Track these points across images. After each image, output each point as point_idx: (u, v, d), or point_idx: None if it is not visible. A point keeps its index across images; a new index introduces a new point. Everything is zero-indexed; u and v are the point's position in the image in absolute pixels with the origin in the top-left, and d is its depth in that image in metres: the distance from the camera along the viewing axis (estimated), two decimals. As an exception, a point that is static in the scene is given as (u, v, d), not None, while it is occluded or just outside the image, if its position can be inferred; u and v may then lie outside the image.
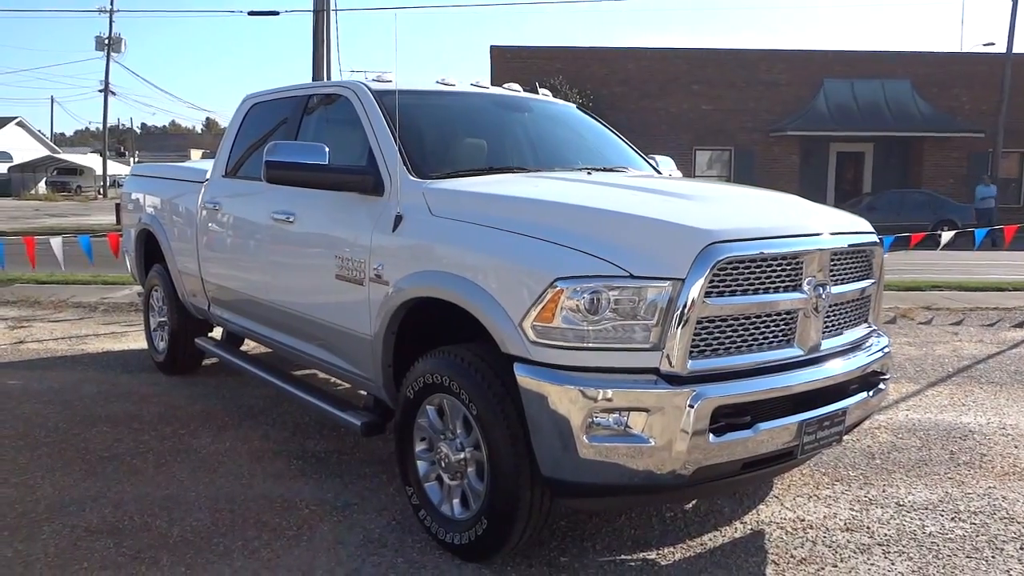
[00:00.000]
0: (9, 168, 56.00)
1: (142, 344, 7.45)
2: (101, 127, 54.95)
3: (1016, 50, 27.73)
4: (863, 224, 3.80)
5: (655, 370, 3.00)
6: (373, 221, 3.94)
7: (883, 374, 3.81)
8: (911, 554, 3.67)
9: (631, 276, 2.96)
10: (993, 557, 3.65)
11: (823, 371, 3.40)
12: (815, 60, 29.88)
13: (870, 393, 3.67)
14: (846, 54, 30.32)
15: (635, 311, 2.97)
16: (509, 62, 28.21)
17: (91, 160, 61.08)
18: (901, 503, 4.22)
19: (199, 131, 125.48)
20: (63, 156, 62.45)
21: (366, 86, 4.46)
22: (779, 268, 3.22)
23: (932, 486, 4.45)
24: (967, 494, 4.35)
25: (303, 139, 4.79)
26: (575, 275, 2.99)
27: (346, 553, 3.60)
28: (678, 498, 3.91)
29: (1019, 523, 3.99)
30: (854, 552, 3.68)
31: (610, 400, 2.96)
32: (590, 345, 3.00)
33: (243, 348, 6.54)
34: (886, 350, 3.87)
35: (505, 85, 5.31)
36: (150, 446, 4.96)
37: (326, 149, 4.01)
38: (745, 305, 3.14)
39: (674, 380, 2.99)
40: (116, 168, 61.35)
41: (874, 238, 3.78)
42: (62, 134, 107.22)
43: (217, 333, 6.56)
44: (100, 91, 53.58)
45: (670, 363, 2.98)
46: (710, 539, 3.80)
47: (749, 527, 3.93)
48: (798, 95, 29.50)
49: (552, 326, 3.02)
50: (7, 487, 4.32)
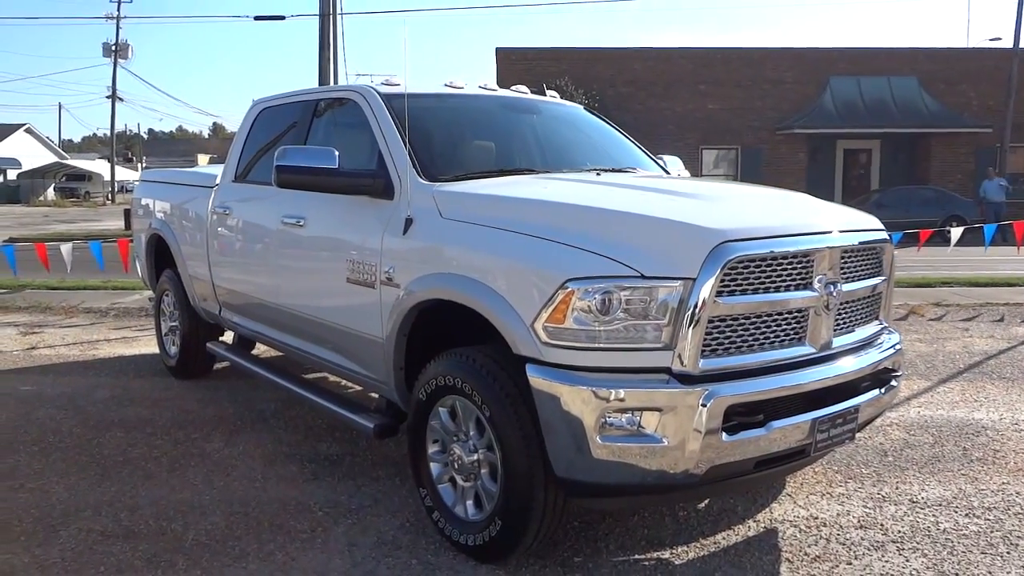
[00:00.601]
0: (18, 174, 56.25)
1: (154, 349, 7.48)
2: (109, 133, 55.21)
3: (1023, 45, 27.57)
4: (873, 221, 3.81)
5: (667, 370, 3.00)
6: (384, 224, 3.95)
7: (895, 371, 3.81)
8: (925, 551, 3.67)
9: (642, 276, 2.97)
10: (1008, 553, 3.65)
11: (835, 369, 3.41)
12: (821, 58, 29.78)
13: (882, 390, 3.67)
14: (852, 51, 30.22)
15: (646, 311, 2.97)
16: (515, 64, 28.19)
17: (99, 166, 61.28)
18: (915, 500, 4.22)
19: (206, 136, 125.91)
20: (71, 162, 62.64)
21: (375, 90, 4.48)
22: (790, 266, 3.22)
23: (945, 483, 4.44)
24: (981, 490, 4.34)
25: (312, 143, 4.81)
26: (586, 276, 3.00)
27: (360, 555, 3.62)
28: (691, 497, 3.91)
29: (1033, 519, 3.99)
30: (868, 549, 3.68)
31: (622, 400, 2.97)
32: (602, 345, 3.01)
33: (254, 352, 6.57)
34: (897, 347, 3.87)
35: (513, 87, 5.32)
36: (163, 450, 4.98)
37: (336, 153, 4.03)
38: (756, 304, 3.14)
39: (686, 379, 3.00)
40: (124, 174, 61.60)
41: (884, 235, 3.78)
42: (70, 140, 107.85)
43: (228, 337, 6.59)
44: (107, 97, 53.83)
45: (682, 362, 2.99)
46: (723, 538, 3.80)
47: (763, 525, 3.93)
48: (804, 93, 29.42)
49: (564, 327, 3.02)
50: (23, 492, 4.35)
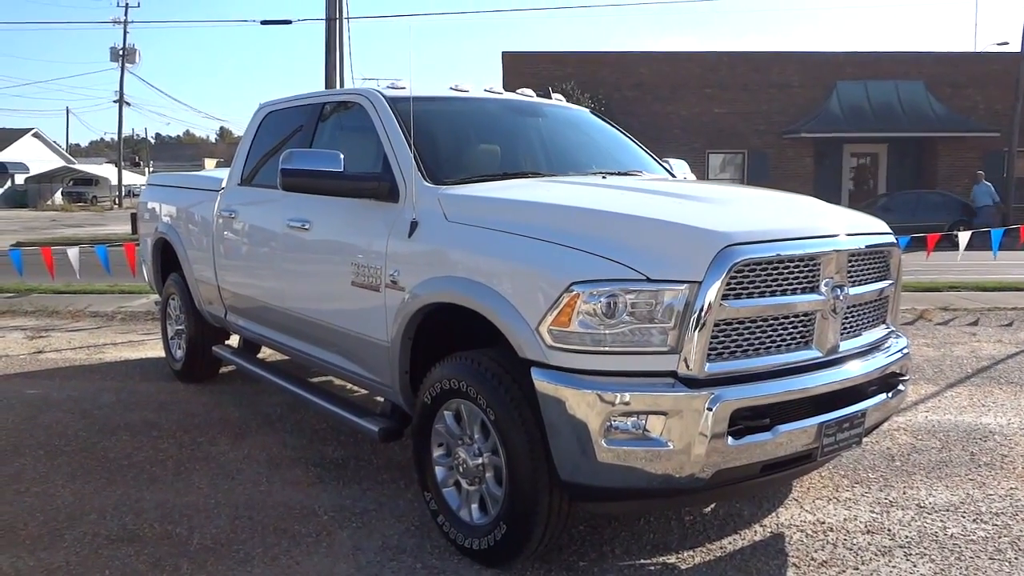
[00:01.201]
0: (26, 179, 56.44)
1: (160, 352, 7.49)
2: (116, 137, 55.46)
3: (1030, 49, 27.51)
4: (880, 225, 3.79)
5: (673, 373, 2.99)
6: (389, 227, 3.95)
7: (902, 375, 3.79)
8: (933, 556, 3.64)
9: (648, 279, 2.96)
10: (1016, 559, 3.62)
11: (842, 373, 3.39)
12: (828, 62, 29.78)
13: (889, 395, 3.65)
14: (859, 56, 30.21)
15: (652, 314, 2.96)
16: (521, 68, 28.23)
17: (106, 170, 61.47)
18: (922, 505, 4.19)
19: (213, 140, 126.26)
20: (79, 166, 62.86)
21: (380, 93, 4.48)
22: (796, 270, 3.21)
23: (953, 488, 4.42)
24: (988, 495, 4.32)
25: (318, 147, 4.81)
26: (591, 279, 2.99)
27: (365, 559, 3.61)
28: (698, 501, 3.90)
29: (1042, 524, 3.96)
30: (875, 554, 3.66)
31: (628, 404, 2.96)
32: (607, 349, 3.00)
33: (259, 356, 6.57)
34: (905, 351, 3.85)
35: (518, 90, 5.32)
36: (169, 454, 4.98)
37: (341, 156, 4.03)
38: (762, 307, 3.13)
39: (692, 383, 2.98)
40: (131, 178, 61.81)
41: (891, 239, 3.76)
42: (77, 145, 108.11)
43: (234, 341, 6.60)
44: (115, 102, 54.17)
45: (688, 366, 2.98)
46: (730, 542, 3.78)
47: (769, 530, 3.92)
48: (811, 97, 29.42)
49: (569, 330, 3.02)
50: (28, 496, 4.35)
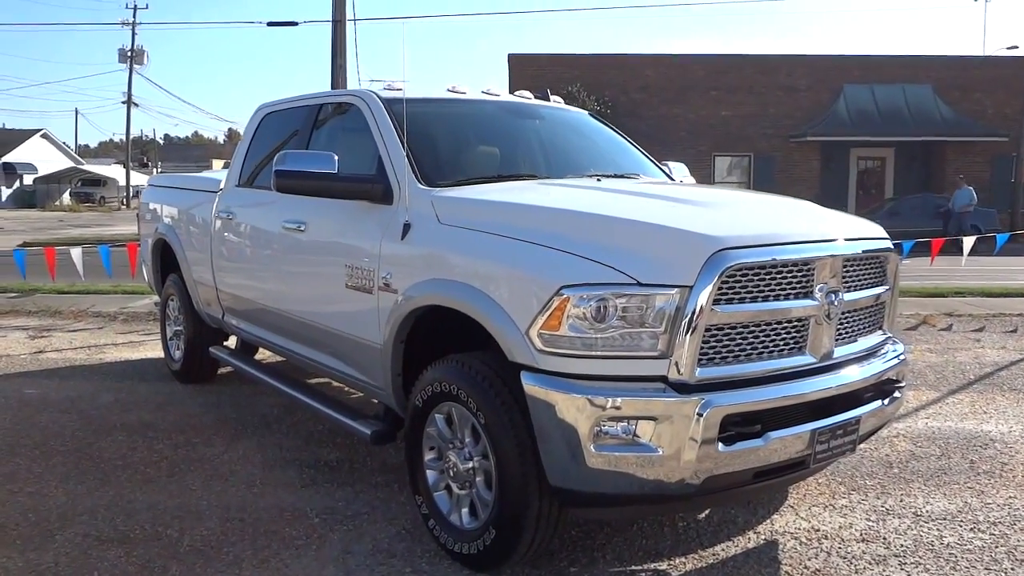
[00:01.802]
0: (34, 179, 56.64)
1: (159, 353, 7.48)
2: (124, 138, 55.59)
3: (1040, 53, 27.43)
4: (877, 230, 3.76)
5: (663, 378, 2.96)
6: (382, 229, 3.93)
7: (898, 382, 3.75)
8: (928, 565, 3.61)
9: (638, 283, 2.93)
10: (1013, 569, 3.58)
11: (836, 379, 3.36)
12: (835, 65, 29.69)
13: (885, 401, 3.62)
14: (866, 59, 30.12)
15: (642, 319, 2.94)
16: (527, 69, 28.20)
17: (114, 171, 61.70)
18: (919, 513, 4.15)
19: (221, 141, 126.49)
20: (87, 167, 63.07)
21: (376, 94, 4.47)
22: (790, 275, 3.18)
23: (951, 496, 4.38)
24: (987, 504, 4.28)
25: (315, 148, 4.80)
26: (581, 283, 2.97)
27: (355, 563, 3.59)
28: (690, 508, 3.87)
29: (1040, 533, 3.92)
30: (870, 563, 3.62)
31: (618, 409, 2.93)
32: (597, 353, 2.97)
33: (257, 357, 6.56)
34: (902, 357, 3.82)
35: (516, 92, 5.29)
36: (164, 455, 4.97)
37: (335, 158, 4.01)
38: (755, 312, 3.10)
39: (682, 388, 2.96)
40: (139, 179, 61.83)
41: (888, 244, 3.73)
42: (86, 145, 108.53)
43: (232, 342, 6.59)
44: (123, 103, 54.28)
45: (678, 371, 2.95)
46: (723, 549, 3.75)
47: (763, 537, 3.88)
48: (818, 100, 29.33)
49: (559, 334, 2.99)
50: (22, 495, 4.34)
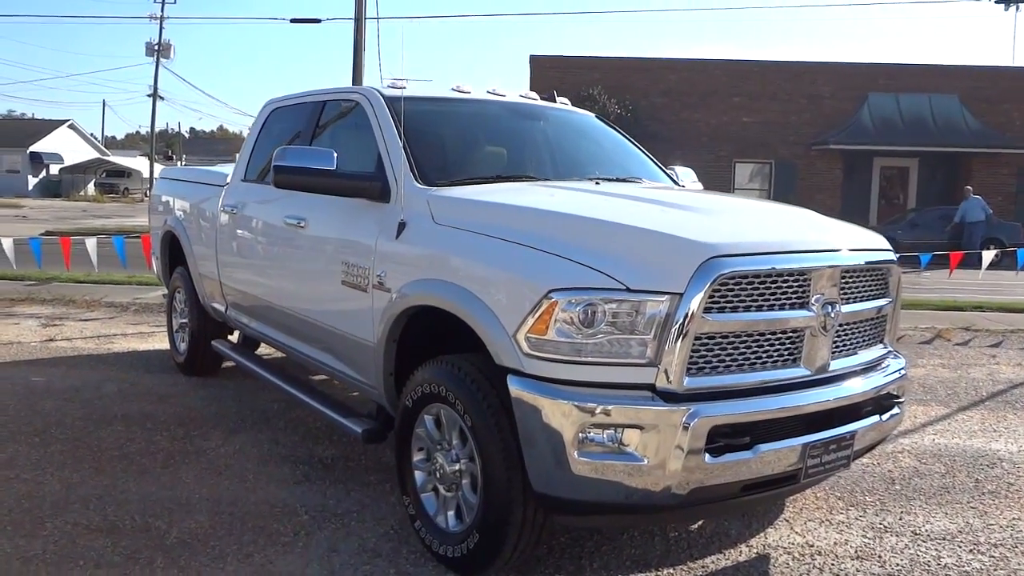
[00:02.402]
0: (60, 169, 57.23)
1: (166, 345, 7.50)
2: (150, 131, 55.95)
3: (1070, 66, 27.06)
4: (879, 241, 3.69)
5: (651, 386, 2.92)
6: (378, 228, 3.91)
7: (898, 397, 3.68)
8: (922, 585, 3.54)
9: (627, 289, 2.89)
10: (1008, 591, 3.51)
11: (831, 392, 3.30)
12: (860, 73, 29.42)
13: (883, 416, 3.55)
14: (892, 67, 29.82)
15: (631, 325, 2.90)
16: (548, 72, 28.17)
17: (139, 163, 62.10)
18: (918, 532, 4.08)
19: (246, 136, 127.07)
20: (112, 158, 63.58)
21: (378, 91, 4.45)
22: (785, 284, 3.12)
23: (952, 515, 4.30)
24: (989, 525, 4.19)
25: (319, 144, 4.79)
26: (569, 287, 2.93)
27: (339, 562, 3.56)
28: (679, 518, 3.81)
29: (1040, 556, 3.84)
30: (862, 581, 3.56)
31: (604, 416, 2.89)
32: (584, 359, 2.93)
33: (259, 352, 6.57)
34: (902, 372, 3.75)
35: (521, 93, 5.26)
36: (160, 446, 4.97)
37: (334, 154, 4.00)
38: (748, 322, 3.05)
39: (670, 397, 2.91)
40: (164, 171, 62.25)
41: (890, 255, 3.66)
42: (113, 137, 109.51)
43: (235, 336, 6.59)
44: (149, 95, 54.59)
45: (667, 380, 2.91)
46: (712, 562, 3.70)
47: (755, 551, 3.82)
48: (842, 108, 29.06)
49: (546, 338, 2.96)
50: (18, 482, 4.36)
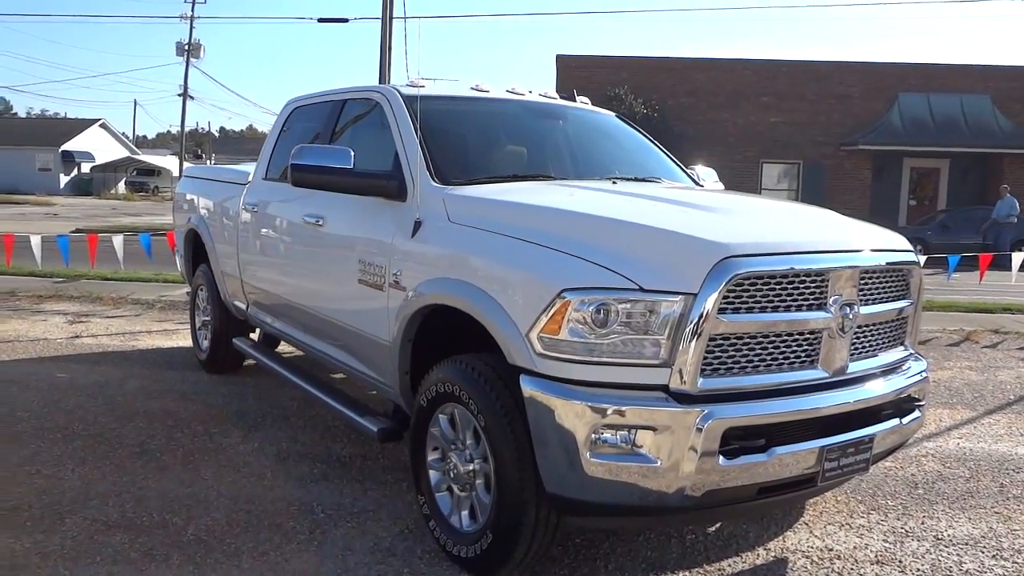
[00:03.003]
0: (91, 168, 57.95)
1: (190, 342, 7.56)
2: (180, 130, 56.53)
3: (1105, 65, 26.58)
4: (900, 241, 3.63)
5: (664, 387, 2.89)
6: (395, 226, 3.91)
7: (919, 400, 3.63)
8: (943, 592, 3.49)
9: (641, 289, 2.87)
10: (1032, 599, 3.45)
11: (849, 395, 3.25)
12: (890, 73, 29.08)
13: (903, 420, 3.50)
14: (922, 67, 29.45)
15: (644, 326, 2.87)
16: (575, 72, 28.06)
17: (169, 162, 62.69)
18: (940, 537, 4.01)
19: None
20: (142, 157, 64.26)
21: (397, 90, 4.46)
22: (801, 285, 3.08)
23: (976, 520, 4.23)
24: (1013, 531, 4.12)
25: (338, 143, 4.80)
26: (583, 286, 2.91)
27: (353, 560, 3.57)
28: (693, 521, 3.77)
29: (1064, 564, 3.76)
30: (881, 586, 3.51)
31: (617, 416, 2.87)
32: (597, 359, 2.91)
33: (279, 350, 6.60)
34: (923, 375, 3.69)
35: (541, 92, 5.24)
36: (180, 443, 5.01)
37: (351, 153, 4.00)
38: (763, 323, 3.01)
39: (684, 399, 2.88)
40: (193, 170, 62.85)
41: (911, 256, 3.60)
42: (144, 136, 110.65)
43: (256, 334, 6.63)
44: (179, 95, 55.14)
45: (680, 381, 2.88)
46: (729, 565, 3.66)
47: (773, 554, 3.78)
48: (871, 109, 28.74)
49: (559, 338, 2.94)
50: (39, 478, 4.40)
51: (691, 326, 2.84)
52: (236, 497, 4.22)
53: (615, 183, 4.25)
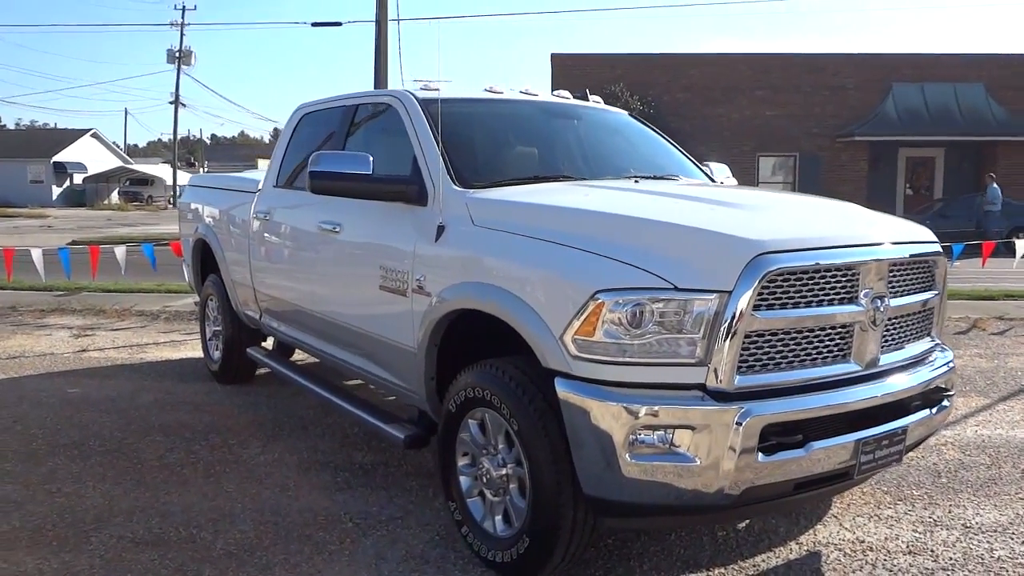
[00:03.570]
0: (84, 178, 57.85)
1: (199, 353, 7.53)
2: (172, 138, 56.51)
3: (1096, 50, 26.64)
4: (925, 233, 3.62)
5: (701, 386, 2.88)
6: (417, 231, 3.89)
7: (947, 390, 3.62)
8: (977, 580, 3.48)
9: (675, 288, 2.85)
10: (1068, 586, 3.44)
11: (882, 387, 3.24)
12: (884, 64, 29.12)
13: (933, 410, 3.50)
14: (916, 57, 29.49)
15: (680, 325, 2.86)
16: (570, 70, 28.05)
17: (162, 170, 62.71)
18: (968, 525, 4.01)
19: (267, 141, 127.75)
20: (135, 166, 64.14)
21: (412, 94, 4.43)
22: (833, 280, 3.07)
23: (1002, 507, 4.23)
24: (1040, 516, 4.12)
25: (351, 148, 4.78)
26: (617, 287, 2.89)
27: (387, 569, 3.54)
28: (730, 518, 3.76)
29: (1096, 549, 3.76)
30: (916, 577, 3.51)
31: (654, 417, 2.85)
32: (633, 360, 2.89)
33: (293, 358, 6.57)
34: (950, 365, 3.69)
35: (555, 92, 5.22)
36: (200, 456, 4.98)
37: (370, 159, 3.98)
38: (797, 319, 3.00)
39: (721, 397, 2.87)
40: (186, 178, 62.84)
41: (937, 248, 3.60)
42: (135, 145, 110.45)
43: (269, 343, 6.60)
44: (171, 103, 55.13)
45: (717, 379, 2.86)
46: (763, 560, 3.65)
47: (805, 548, 3.77)
48: (866, 99, 28.78)
49: (594, 340, 2.92)
50: (60, 496, 4.37)
51: (726, 324, 2.83)
52: (261, 509, 4.19)
53: (637, 182, 4.23)
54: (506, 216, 3.57)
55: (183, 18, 52.95)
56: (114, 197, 57.93)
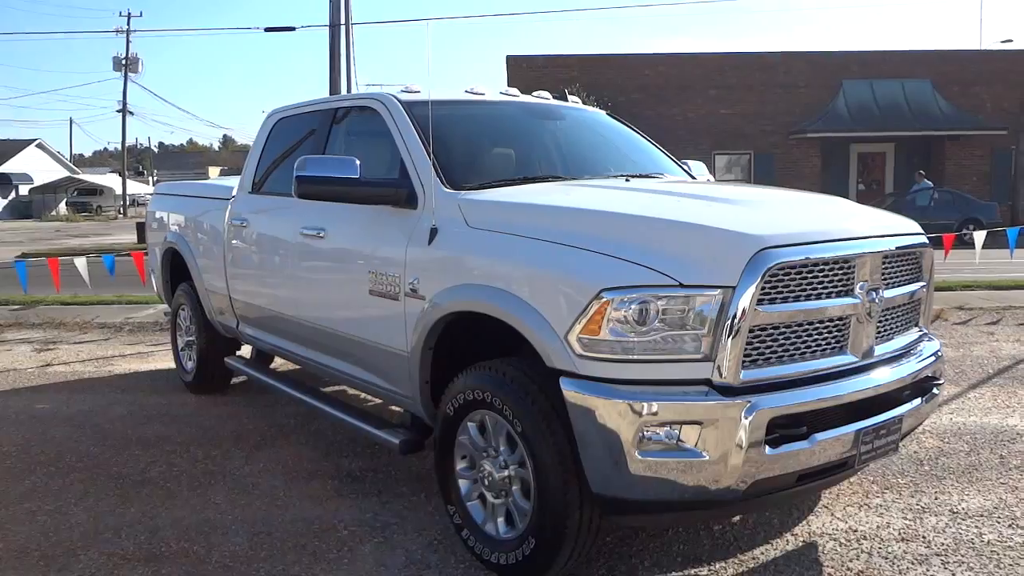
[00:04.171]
0: (30, 190, 56.61)
1: (169, 364, 7.40)
2: (120, 147, 55.49)
3: (1036, 45, 27.41)
4: (912, 226, 3.69)
5: (707, 381, 2.89)
6: (407, 235, 3.85)
7: (936, 379, 3.69)
8: (971, 564, 3.55)
9: (680, 285, 2.86)
10: (1059, 566, 3.52)
11: (878, 378, 3.29)
12: (833, 61, 29.59)
13: (923, 399, 3.56)
14: (865, 55, 30.02)
15: (684, 321, 2.87)
16: (525, 71, 28.05)
17: (110, 180, 61.61)
18: (955, 511, 4.09)
19: (216, 148, 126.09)
20: (83, 176, 62.91)
21: (395, 97, 4.39)
22: (831, 273, 3.11)
23: (985, 492, 4.32)
24: (1022, 499, 4.21)
25: (331, 153, 4.72)
26: (621, 285, 2.89)
27: (389, 576, 3.51)
28: (732, 512, 3.78)
29: (1082, 530, 3.85)
30: (912, 563, 3.56)
31: (661, 413, 2.86)
32: (639, 357, 2.90)
33: (272, 366, 6.49)
34: (938, 354, 3.75)
35: (534, 93, 5.22)
36: (183, 469, 4.88)
37: (358, 163, 3.94)
38: (797, 312, 3.03)
39: (727, 391, 2.88)
40: (135, 187, 61.96)
41: (923, 239, 3.66)
42: (81, 155, 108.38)
43: (247, 351, 6.50)
44: (118, 111, 54.14)
45: (722, 374, 2.88)
46: (762, 553, 3.68)
47: (801, 539, 3.81)
48: (817, 97, 29.22)
49: (599, 338, 2.92)
50: (41, 515, 4.25)
51: (731, 319, 2.85)
52: (253, 520, 4.12)
53: (628, 180, 4.24)
54: (504, 217, 3.54)
55: (128, 24, 52.02)
56: (62, 208, 56.76)
